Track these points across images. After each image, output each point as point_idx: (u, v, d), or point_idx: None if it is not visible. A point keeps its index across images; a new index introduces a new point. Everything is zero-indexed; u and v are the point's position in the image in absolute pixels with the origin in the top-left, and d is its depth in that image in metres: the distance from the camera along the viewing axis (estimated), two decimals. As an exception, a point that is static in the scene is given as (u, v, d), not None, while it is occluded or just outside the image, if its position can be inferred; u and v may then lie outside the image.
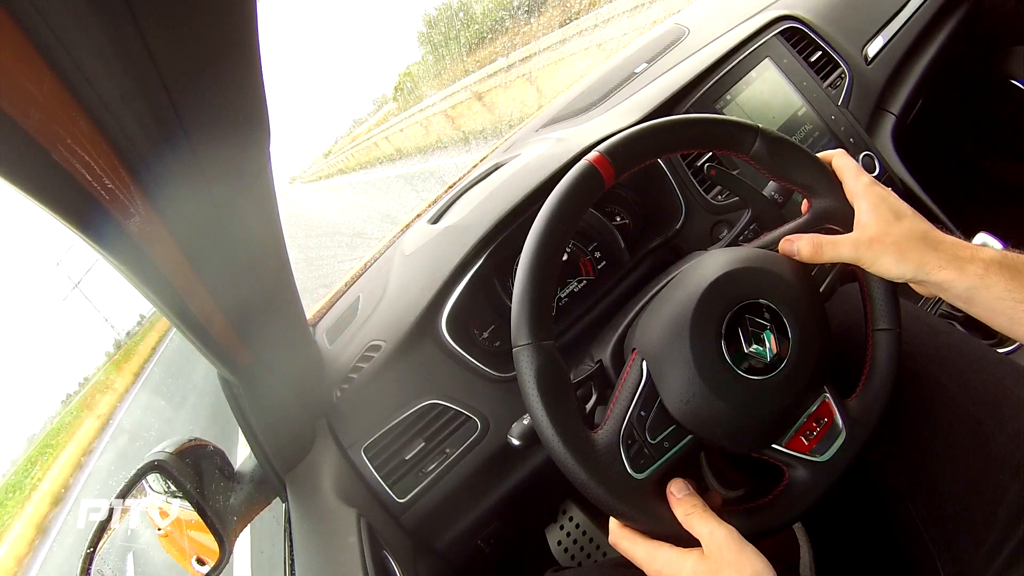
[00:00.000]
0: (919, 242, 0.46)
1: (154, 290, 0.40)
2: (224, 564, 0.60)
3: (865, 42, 0.91)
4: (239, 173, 0.41)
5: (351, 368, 0.73)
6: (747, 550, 0.41)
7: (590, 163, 0.47)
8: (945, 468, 0.51)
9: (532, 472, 0.72)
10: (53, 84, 0.25)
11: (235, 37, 0.31)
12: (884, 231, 0.46)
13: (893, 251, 0.46)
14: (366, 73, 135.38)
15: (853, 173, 0.50)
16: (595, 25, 5.23)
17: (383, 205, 7.31)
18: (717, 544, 0.41)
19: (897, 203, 0.48)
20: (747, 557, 0.40)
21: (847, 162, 0.51)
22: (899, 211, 0.47)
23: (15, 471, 18.36)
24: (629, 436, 0.44)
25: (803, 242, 0.48)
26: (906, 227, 0.46)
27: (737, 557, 0.40)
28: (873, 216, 0.47)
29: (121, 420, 13.53)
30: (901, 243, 0.46)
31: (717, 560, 0.40)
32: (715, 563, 0.40)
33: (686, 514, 0.43)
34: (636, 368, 0.46)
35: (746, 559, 0.40)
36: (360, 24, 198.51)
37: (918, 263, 0.45)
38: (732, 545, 0.41)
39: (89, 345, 46.71)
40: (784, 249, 0.49)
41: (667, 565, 0.42)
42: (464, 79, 9.34)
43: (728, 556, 0.40)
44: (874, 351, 0.50)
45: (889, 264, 0.46)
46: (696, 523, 0.43)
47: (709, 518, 0.42)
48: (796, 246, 0.49)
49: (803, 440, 0.46)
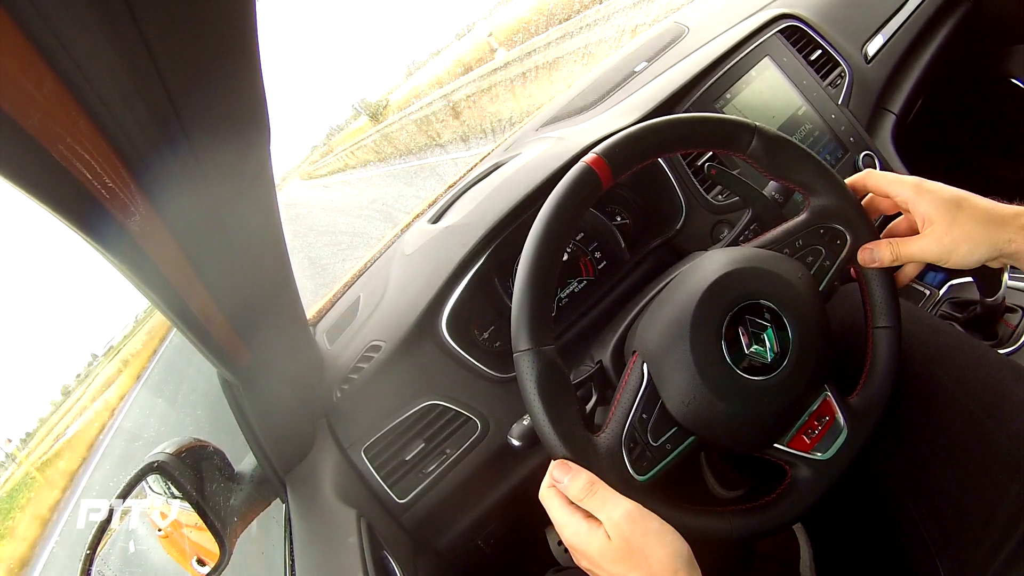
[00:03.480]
0: (986, 224, 0.46)
1: (154, 290, 0.40)
2: (224, 565, 0.60)
3: (865, 41, 0.91)
4: (239, 173, 0.41)
5: (351, 368, 0.73)
6: (652, 530, 0.37)
7: (587, 165, 0.47)
8: (945, 468, 0.51)
9: (532, 472, 0.72)
10: (53, 84, 0.25)
11: (235, 37, 0.31)
12: (951, 224, 0.47)
13: (965, 241, 0.46)
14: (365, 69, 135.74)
15: (895, 182, 0.51)
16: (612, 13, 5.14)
17: (383, 205, 7.31)
18: (616, 527, 0.38)
19: (951, 192, 0.49)
20: (655, 538, 0.37)
21: (881, 177, 0.52)
22: (957, 200, 0.48)
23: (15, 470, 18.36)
24: (631, 439, 0.44)
25: (882, 249, 0.49)
26: (968, 213, 0.47)
27: (643, 540, 0.37)
28: (936, 213, 0.48)
29: (121, 421, 13.52)
30: (971, 231, 0.46)
31: (622, 541, 0.37)
32: (620, 545, 0.37)
33: (578, 498, 0.40)
34: (637, 371, 0.46)
35: (654, 540, 0.37)
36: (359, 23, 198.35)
37: (991, 244, 0.46)
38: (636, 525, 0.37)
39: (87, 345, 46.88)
40: (864, 259, 0.50)
41: (575, 536, 0.40)
42: (464, 76, 9.33)
43: (634, 538, 0.37)
44: (874, 348, 0.50)
45: (965, 253, 0.47)
46: (592, 504, 0.39)
47: (606, 496, 0.39)
48: (875, 255, 0.49)
49: (805, 439, 0.46)
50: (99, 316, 62.12)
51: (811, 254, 0.50)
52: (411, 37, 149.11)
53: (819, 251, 0.50)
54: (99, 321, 54.12)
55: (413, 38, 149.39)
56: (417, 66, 28.35)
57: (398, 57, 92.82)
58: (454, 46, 17.88)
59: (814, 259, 0.50)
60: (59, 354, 65.69)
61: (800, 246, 0.50)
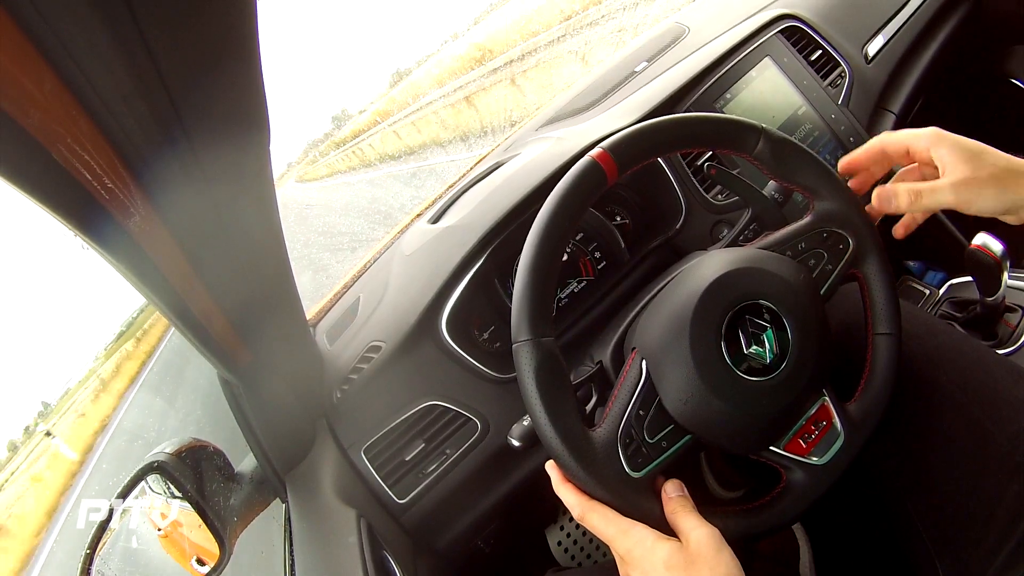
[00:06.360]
0: (1008, 172, 0.46)
1: (154, 290, 0.40)
2: (224, 564, 0.60)
3: (865, 41, 0.91)
4: (239, 173, 0.41)
5: (351, 369, 0.73)
6: (725, 553, 0.41)
7: (593, 159, 0.47)
8: (944, 468, 0.51)
9: (532, 472, 0.72)
10: (53, 84, 0.25)
11: (235, 37, 0.31)
12: (974, 170, 0.46)
13: (991, 186, 0.46)
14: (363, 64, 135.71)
15: (912, 133, 0.50)
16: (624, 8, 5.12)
17: (382, 204, 7.31)
18: (698, 540, 0.41)
19: (969, 142, 0.48)
20: (724, 559, 0.40)
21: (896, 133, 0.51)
22: (976, 149, 0.47)
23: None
24: (627, 435, 0.44)
25: (901, 194, 0.48)
26: (990, 161, 0.46)
27: (715, 557, 0.40)
28: (957, 158, 0.47)
29: (121, 420, 13.51)
30: (996, 176, 0.46)
31: (695, 555, 0.40)
32: (692, 557, 0.40)
33: (672, 511, 0.43)
34: (635, 367, 0.46)
35: (723, 560, 0.40)
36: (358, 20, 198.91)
37: (1015, 192, 0.46)
38: (712, 544, 0.40)
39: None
40: (880, 200, 0.49)
41: (639, 544, 0.41)
42: (465, 75, 9.32)
43: (706, 553, 0.40)
44: (874, 355, 0.50)
45: (989, 199, 0.46)
46: (681, 518, 0.42)
47: (695, 516, 0.42)
48: (893, 201, 0.48)
49: (801, 443, 0.46)
50: (98, 315, 61.65)
51: (813, 257, 0.50)
52: (400, 42, 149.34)
53: (821, 255, 0.50)
54: (99, 320, 53.78)
55: (402, 43, 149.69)
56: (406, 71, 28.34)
57: (385, 62, 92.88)
58: (447, 49, 17.86)
59: (816, 262, 0.50)
60: (59, 354, 65.35)
61: (803, 249, 0.50)
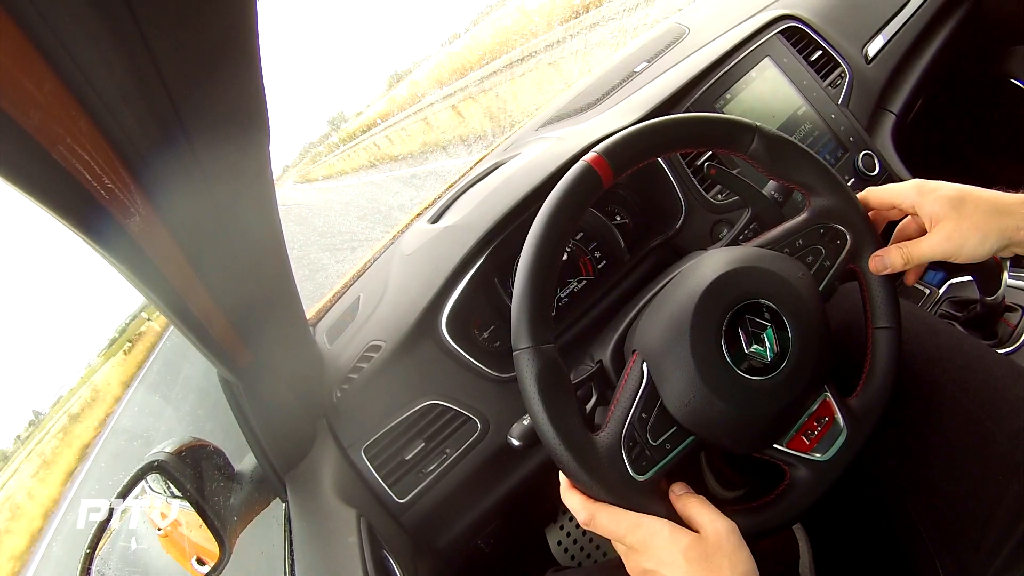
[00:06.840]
0: (992, 214, 0.47)
1: (154, 290, 0.40)
2: (224, 564, 0.60)
3: (865, 41, 0.91)
4: (239, 173, 0.41)
5: (351, 368, 0.73)
6: (744, 550, 0.41)
7: (588, 164, 0.47)
8: (944, 468, 0.51)
9: (532, 472, 0.72)
10: (53, 84, 0.25)
11: (235, 37, 0.31)
12: (958, 219, 0.47)
13: (974, 234, 0.47)
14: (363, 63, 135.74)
15: (895, 191, 0.51)
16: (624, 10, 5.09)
17: (383, 205, 7.31)
18: (717, 532, 0.41)
19: (953, 188, 0.49)
20: (743, 555, 0.40)
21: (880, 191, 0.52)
22: (960, 195, 0.48)
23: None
24: (630, 438, 0.44)
25: (892, 255, 0.50)
26: (973, 205, 0.47)
27: (735, 552, 0.40)
28: (942, 210, 0.48)
29: (119, 419, 13.50)
30: (979, 222, 0.47)
31: (715, 547, 0.40)
32: (712, 549, 0.40)
33: (686, 505, 0.43)
34: (636, 370, 0.46)
35: (742, 556, 0.40)
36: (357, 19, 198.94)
37: (1000, 234, 0.46)
38: (733, 539, 0.41)
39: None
40: (875, 266, 0.50)
41: (655, 534, 0.41)
42: (468, 75, 9.32)
43: (726, 547, 0.40)
44: (874, 349, 0.50)
45: (975, 246, 0.47)
46: (697, 512, 0.42)
47: (713, 510, 0.43)
48: (887, 261, 0.50)
49: (804, 439, 0.46)
50: (98, 315, 61.64)
51: (811, 254, 0.50)
52: (397, 45, 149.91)
53: (819, 251, 0.50)
54: (97, 321, 53.80)
55: (400, 46, 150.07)
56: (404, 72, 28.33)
57: (381, 65, 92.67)
58: (446, 50, 17.86)
59: (814, 259, 0.50)
60: (58, 354, 65.38)
61: (800, 246, 0.51)
